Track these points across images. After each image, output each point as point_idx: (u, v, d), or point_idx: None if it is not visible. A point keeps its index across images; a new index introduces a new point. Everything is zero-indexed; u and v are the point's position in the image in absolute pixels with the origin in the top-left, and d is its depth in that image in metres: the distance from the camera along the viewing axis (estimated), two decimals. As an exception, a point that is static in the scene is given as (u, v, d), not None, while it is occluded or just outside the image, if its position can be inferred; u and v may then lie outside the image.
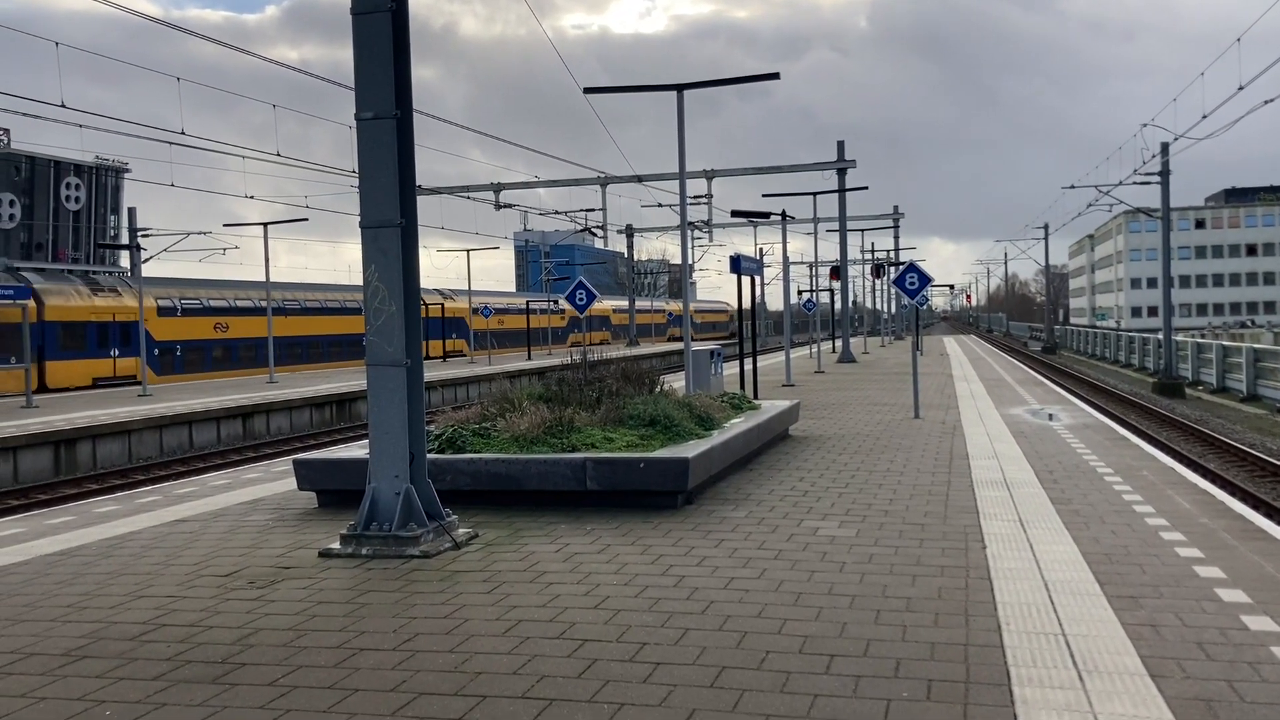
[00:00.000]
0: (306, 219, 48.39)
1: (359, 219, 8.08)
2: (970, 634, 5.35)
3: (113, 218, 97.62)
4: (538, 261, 77.76)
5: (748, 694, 4.56)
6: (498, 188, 41.62)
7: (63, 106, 21.63)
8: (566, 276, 69.56)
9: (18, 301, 26.00)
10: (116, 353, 35.70)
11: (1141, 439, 14.89)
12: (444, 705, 4.53)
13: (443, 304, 52.77)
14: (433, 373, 33.59)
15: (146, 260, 31.34)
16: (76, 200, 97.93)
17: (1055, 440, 13.35)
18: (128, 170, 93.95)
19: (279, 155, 27.72)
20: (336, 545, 7.73)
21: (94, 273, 61.34)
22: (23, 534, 9.01)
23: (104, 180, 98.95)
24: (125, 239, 36.53)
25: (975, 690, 4.55)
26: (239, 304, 41.47)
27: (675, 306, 77.30)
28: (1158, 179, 39.77)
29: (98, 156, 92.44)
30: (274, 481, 11.70)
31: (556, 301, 61.08)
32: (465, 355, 51.22)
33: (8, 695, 4.85)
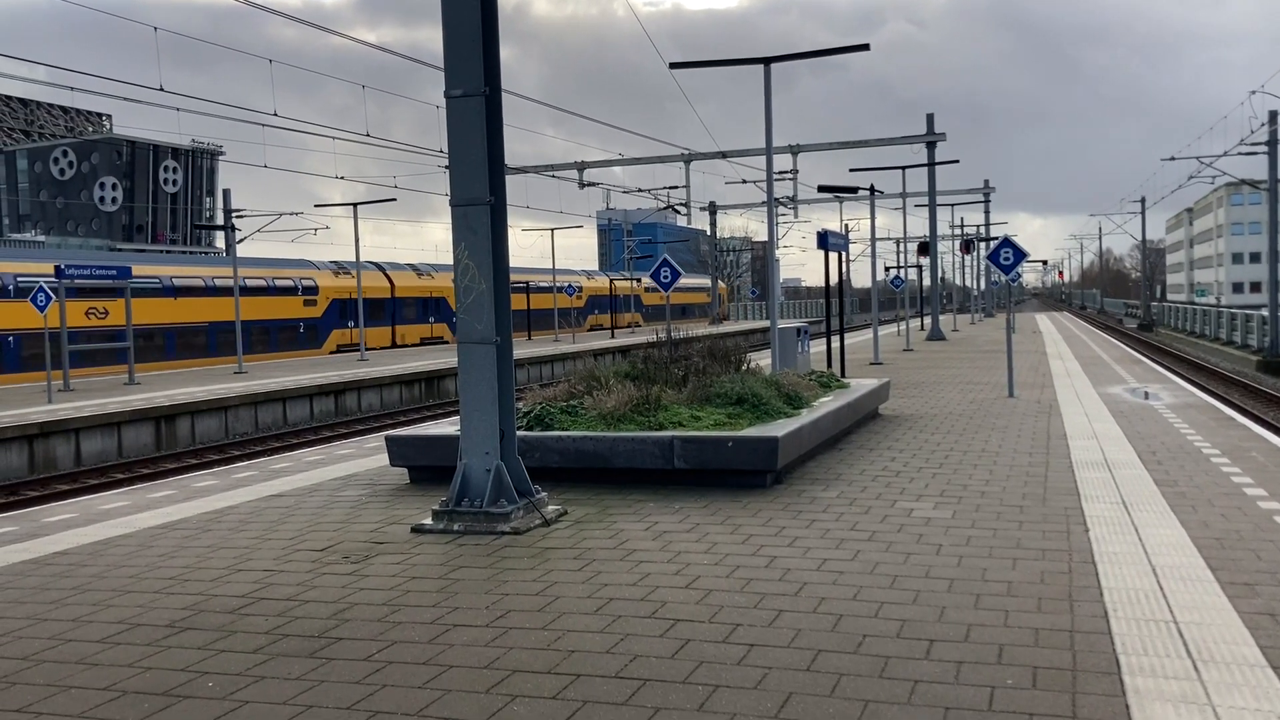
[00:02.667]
0: (395, 199, 48.92)
1: (449, 197, 8.11)
2: (1075, 620, 5.17)
3: (208, 199, 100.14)
4: (620, 240, 77.84)
5: (845, 678, 4.46)
6: (581, 166, 41.67)
7: (161, 90, 22.17)
8: (649, 255, 69.53)
9: (119, 281, 26.81)
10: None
11: (1248, 419, 14.32)
12: (538, 684, 4.52)
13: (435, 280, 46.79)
14: (518, 351, 33.76)
15: (241, 241, 32.07)
16: (174, 183, 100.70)
17: (1157, 420, 12.91)
18: (222, 153, 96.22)
19: (369, 136, 28.09)
20: (429, 521, 7.80)
21: (189, 253, 63.05)
22: (127, 507, 9.28)
23: (200, 163, 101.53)
24: (220, 220, 37.40)
25: (1083, 679, 4.38)
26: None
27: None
28: (1264, 149, 38.19)
29: (194, 140, 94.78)
30: (366, 457, 11.87)
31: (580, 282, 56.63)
32: (448, 342, 45.05)
33: (116, 665, 4.98)
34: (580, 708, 4.23)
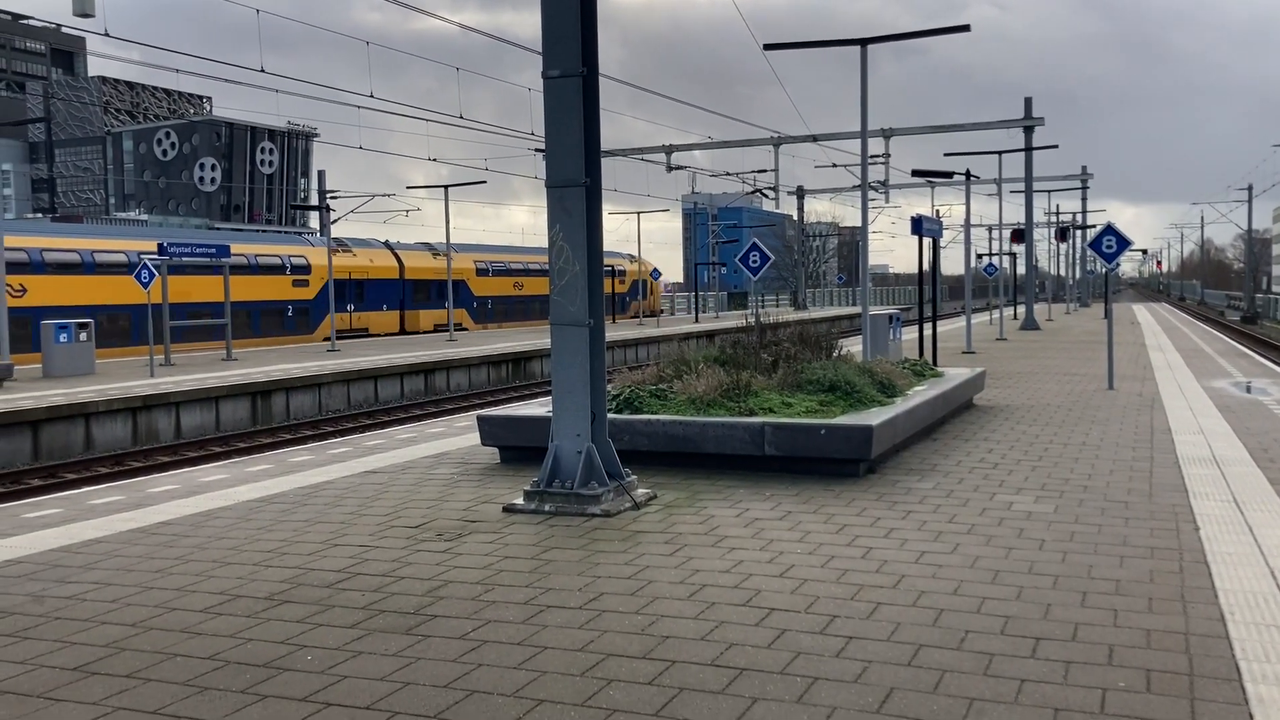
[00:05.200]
0: (485, 181, 49.17)
1: (543, 179, 8.09)
2: (1190, 622, 4.96)
3: (303, 180, 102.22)
4: (705, 224, 77.51)
5: (949, 675, 4.34)
6: (669, 150, 41.50)
7: (262, 71, 22.64)
8: (735, 239, 69.16)
9: (218, 259, 27.50)
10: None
11: (1366, 417, 13.67)
12: (632, 668, 4.48)
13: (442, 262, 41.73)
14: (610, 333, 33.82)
15: (335, 221, 32.66)
16: (270, 164, 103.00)
17: (1267, 415, 12.40)
18: (317, 134, 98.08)
19: (460, 118, 28.35)
20: (520, 501, 7.82)
21: (285, 233, 64.38)
22: (226, 480, 9.50)
23: (295, 144, 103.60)
24: (315, 200, 38.10)
25: (1201, 684, 4.20)
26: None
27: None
28: (1385, 135, 36.41)
29: (290, 121, 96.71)
30: (456, 436, 11.98)
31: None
32: (465, 329, 42.33)
33: (219, 635, 5.07)
34: (677, 695, 4.18)
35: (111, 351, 28.11)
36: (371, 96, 25.86)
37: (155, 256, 24.21)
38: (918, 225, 17.98)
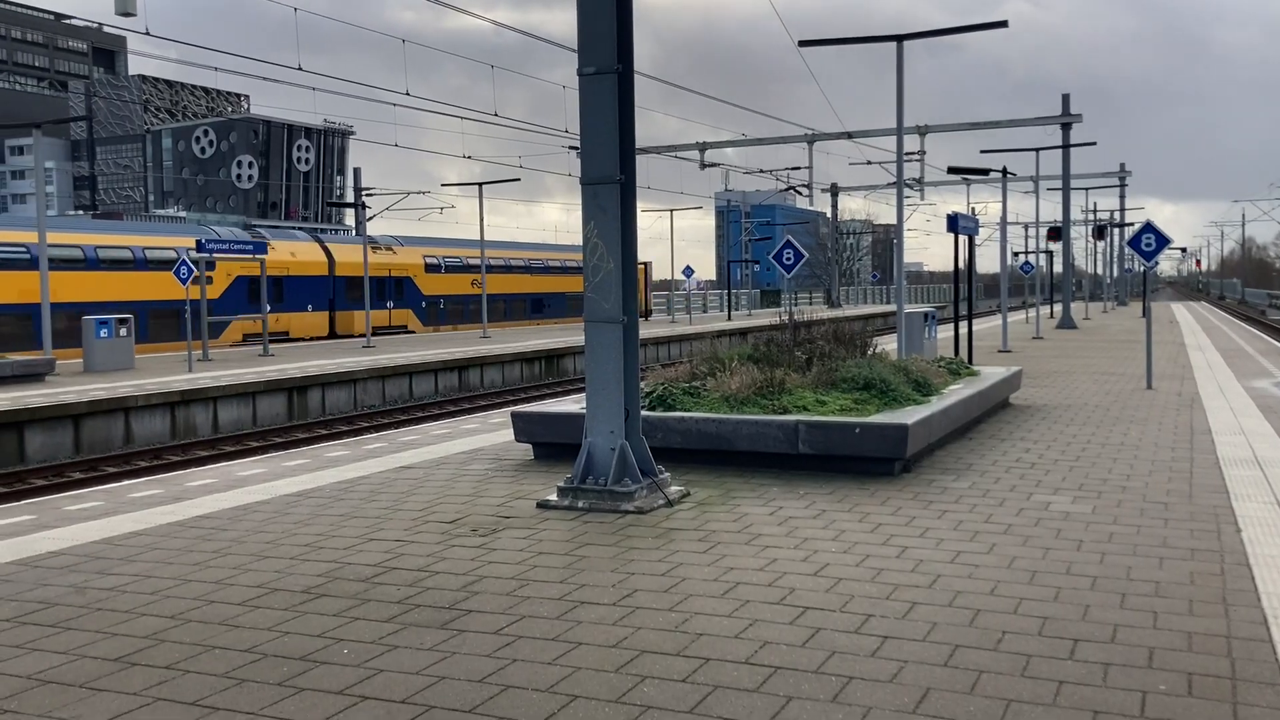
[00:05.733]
0: (519, 179, 49.20)
1: (579, 175, 8.10)
2: (1232, 625, 4.89)
3: (338, 178, 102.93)
4: (738, 222, 77.34)
5: (985, 675, 4.30)
6: (703, 147, 41.44)
7: (300, 70, 22.81)
8: (768, 237, 68.99)
9: (256, 256, 27.74)
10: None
11: None
12: (667, 665, 4.48)
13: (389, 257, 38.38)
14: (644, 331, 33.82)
15: (371, 218, 32.87)
16: (306, 161, 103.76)
17: (1312, 417, 12.20)
18: (353, 132, 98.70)
19: (496, 115, 28.45)
20: (554, 497, 7.84)
21: (321, 230, 64.98)
22: (264, 474, 9.59)
23: (331, 142, 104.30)
24: (350, 198, 38.33)
25: (1245, 689, 4.14)
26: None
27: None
28: None
29: (325, 119, 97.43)
30: (490, 432, 12.03)
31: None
32: (411, 331, 38.44)
33: (256, 628, 5.12)
34: (711, 692, 4.17)
35: (154, 347, 28.42)
36: (407, 94, 26.00)
37: (195, 253, 24.48)
38: (953, 223, 17.84)
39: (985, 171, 25.22)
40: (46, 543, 7.05)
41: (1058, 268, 49.13)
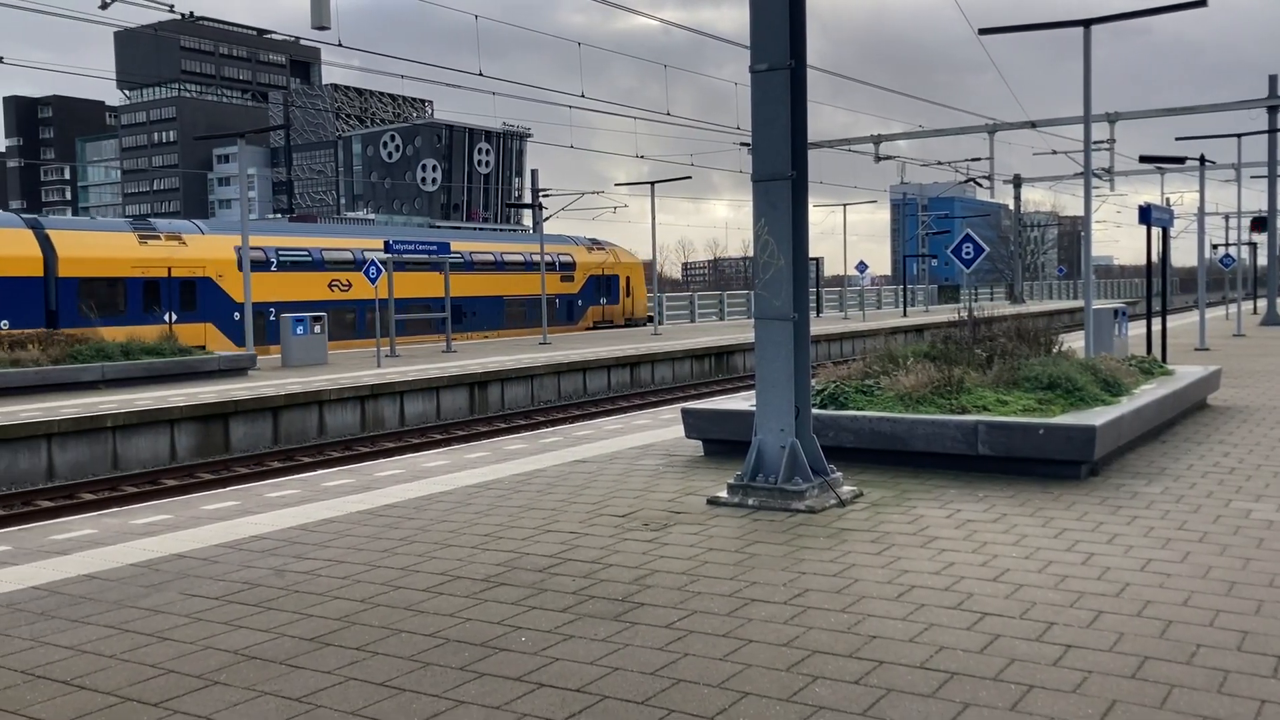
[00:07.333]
0: (690, 177, 49.37)
1: (750, 173, 8.10)
2: None
3: (517, 179, 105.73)
4: (914, 215, 75.53)
5: (1177, 690, 4.09)
6: (877, 139, 40.67)
7: (480, 75, 23.57)
8: (946, 231, 67.08)
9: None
10: None
11: None
12: (839, 666, 4.44)
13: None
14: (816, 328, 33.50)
15: (547, 218, 33.67)
16: (486, 164, 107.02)
17: None
18: (530, 135, 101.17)
19: (669, 115, 28.67)
20: (724, 494, 7.87)
21: (499, 230, 66.84)
22: (447, 466, 9.97)
23: (510, 145, 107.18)
24: (528, 199, 39.35)
25: None
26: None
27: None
28: None
29: (505, 123, 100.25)
30: (661, 428, 12.16)
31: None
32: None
33: (439, 614, 5.35)
34: (884, 695, 4.12)
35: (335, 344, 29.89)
36: (583, 96, 26.52)
37: (381, 253, 25.61)
38: (1146, 214, 16.95)
39: (1181, 160, 23.86)
40: (249, 527, 7.54)
41: (1262, 260, 45.95)
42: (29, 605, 5.72)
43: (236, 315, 28.22)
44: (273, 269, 30.51)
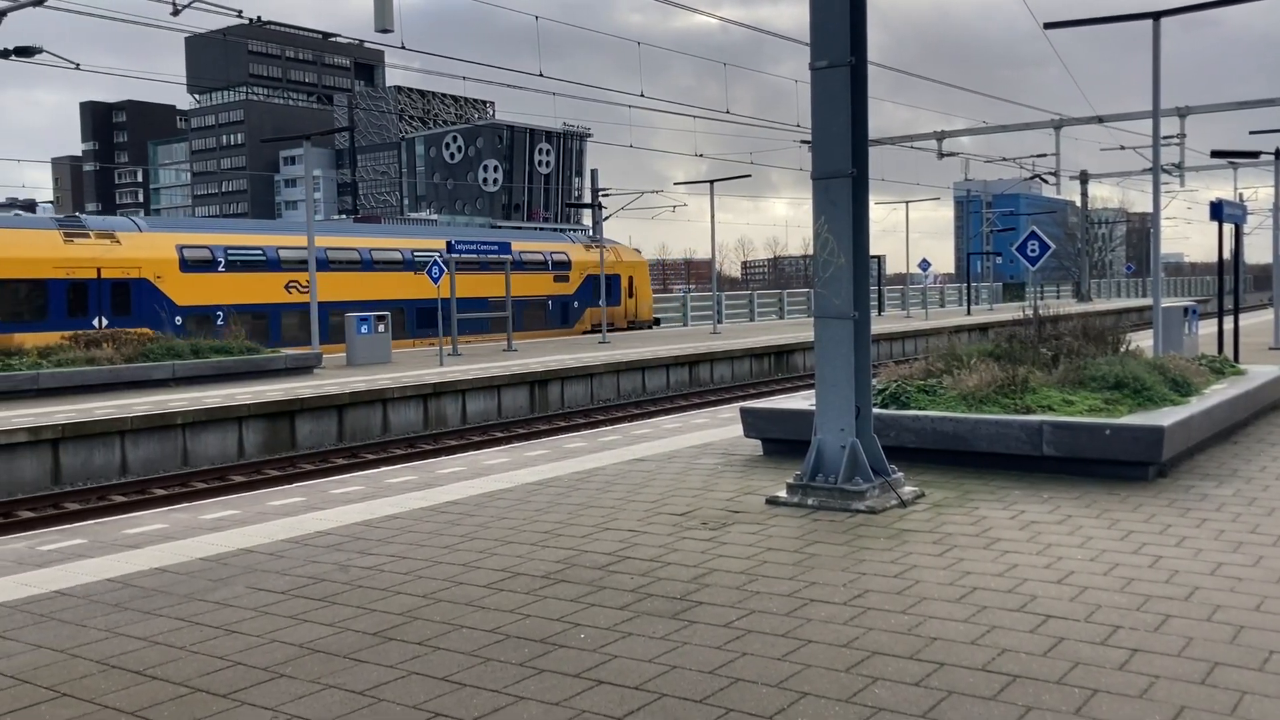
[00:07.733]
0: (749, 175, 49.18)
1: (810, 170, 8.06)
2: None
3: (576, 179, 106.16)
4: (978, 212, 74.47)
5: (1249, 698, 4.00)
6: (940, 136, 40.22)
7: (541, 76, 23.72)
8: (1011, 228, 66.06)
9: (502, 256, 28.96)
10: None
11: None
12: (899, 668, 4.41)
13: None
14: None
15: (606, 218, 33.77)
16: (547, 164, 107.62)
17: None
18: (590, 135, 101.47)
19: (728, 113, 28.62)
20: (783, 493, 7.84)
21: (559, 229, 67.13)
22: (508, 463, 10.06)
23: (570, 145, 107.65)
24: (588, 199, 39.54)
25: None
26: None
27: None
28: None
29: (565, 123, 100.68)
30: (720, 427, 12.14)
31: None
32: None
33: (500, 610, 5.40)
34: (945, 698, 4.08)
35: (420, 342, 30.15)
36: (642, 95, 26.57)
37: (444, 254, 25.89)
38: (1218, 210, 16.56)
39: (1255, 154, 23.25)
40: (314, 523, 7.67)
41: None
42: (104, 597, 5.89)
43: (179, 319, 26.54)
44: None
